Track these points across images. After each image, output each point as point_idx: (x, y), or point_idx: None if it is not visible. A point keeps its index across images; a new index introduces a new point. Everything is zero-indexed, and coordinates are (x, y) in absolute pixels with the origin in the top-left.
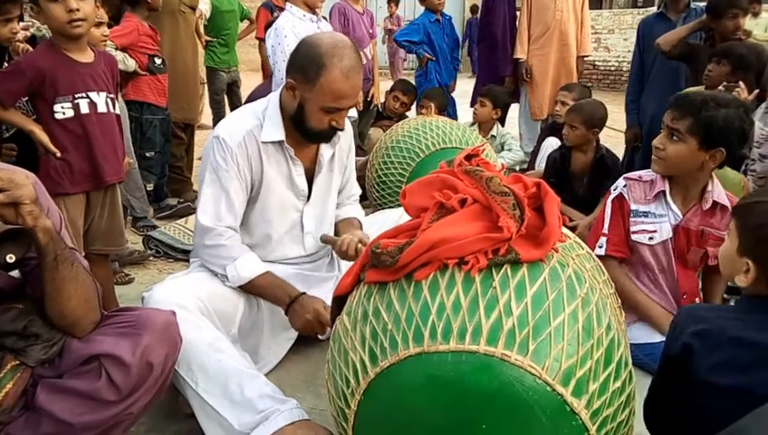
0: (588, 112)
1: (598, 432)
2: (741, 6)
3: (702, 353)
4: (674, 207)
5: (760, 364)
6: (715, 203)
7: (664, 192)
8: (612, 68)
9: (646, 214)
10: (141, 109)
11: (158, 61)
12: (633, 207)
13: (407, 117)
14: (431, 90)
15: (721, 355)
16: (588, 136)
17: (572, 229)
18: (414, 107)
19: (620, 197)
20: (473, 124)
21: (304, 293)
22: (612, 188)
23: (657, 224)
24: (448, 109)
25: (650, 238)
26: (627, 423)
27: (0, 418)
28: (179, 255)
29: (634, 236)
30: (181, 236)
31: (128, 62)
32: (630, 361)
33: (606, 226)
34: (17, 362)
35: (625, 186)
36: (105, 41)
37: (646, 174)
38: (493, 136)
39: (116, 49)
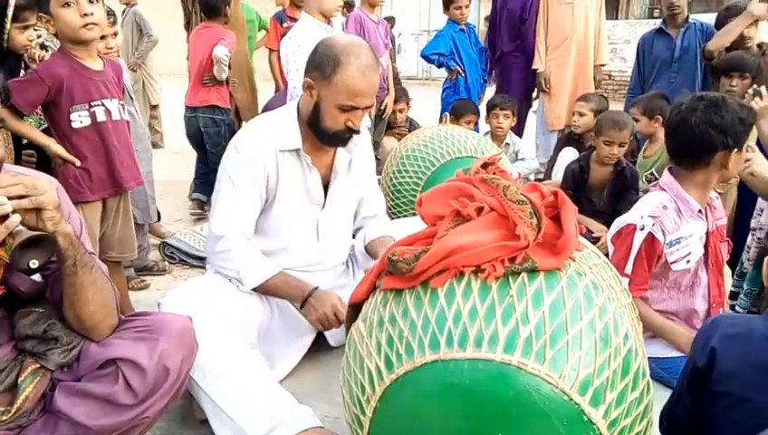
0: (631, 126)
1: None
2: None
3: (726, 361)
4: (709, 216)
5: None
6: None
7: (701, 209)
8: (628, 78)
9: (678, 240)
10: (222, 113)
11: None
12: (668, 239)
13: (419, 126)
14: (461, 104)
15: (746, 365)
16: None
17: (596, 241)
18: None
19: (651, 237)
20: (486, 133)
21: (317, 287)
22: (639, 226)
23: (689, 245)
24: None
25: (688, 262)
26: (644, 434)
27: (19, 420)
28: (195, 261)
29: (674, 266)
30: (197, 242)
31: (225, 71)
32: (648, 371)
33: (630, 267)
34: (37, 366)
35: (654, 224)
36: (109, 54)
37: (666, 200)
38: (507, 144)
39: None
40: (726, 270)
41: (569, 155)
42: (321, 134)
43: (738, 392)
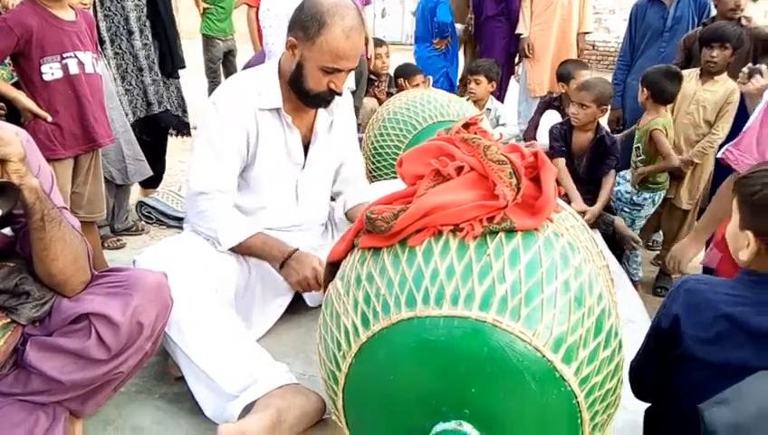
0: (600, 91)
1: (586, 399)
2: None
3: (689, 326)
4: None
5: (750, 344)
6: None
7: None
8: (612, 49)
9: None
10: None
11: None
12: None
13: (391, 76)
14: (412, 66)
15: (711, 331)
16: (597, 115)
17: (582, 214)
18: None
19: None
20: (468, 98)
21: (297, 249)
22: None
23: None
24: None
25: None
26: (614, 392)
27: None
28: (172, 222)
29: None
30: (174, 203)
31: None
32: (620, 332)
33: None
34: (8, 321)
35: None
36: (84, 8)
37: None
38: (488, 109)
39: None
40: None
41: (552, 118)
42: (303, 95)
43: (701, 356)
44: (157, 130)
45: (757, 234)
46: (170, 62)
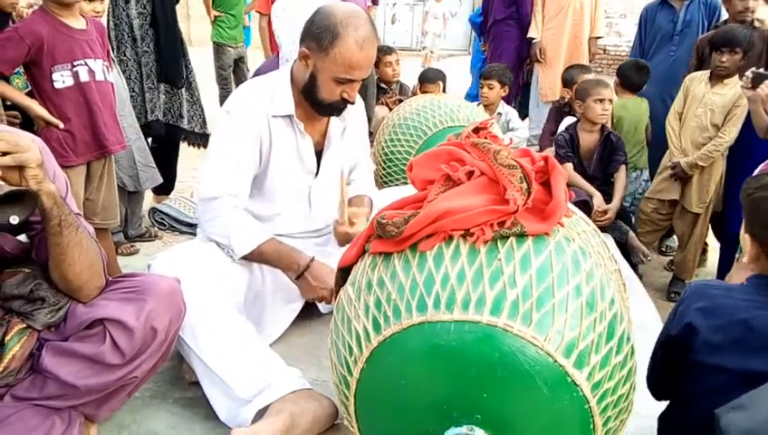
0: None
1: (598, 404)
2: None
3: (705, 332)
4: None
5: (765, 349)
6: None
7: None
8: (623, 53)
9: None
10: None
11: None
12: None
13: (408, 88)
14: (432, 71)
15: (727, 336)
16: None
17: (605, 213)
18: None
19: None
20: (479, 103)
21: (313, 258)
22: None
23: None
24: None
25: None
26: (627, 397)
27: (6, 380)
28: (184, 228)
29: None
30: (187, 209)
31: None
32: (632, 337)
33: None
34: (24, 326)
35: None
36: (96, 17)
37: None
38: (499, 113)
39: None
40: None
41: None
42: (317, 104)
43: (716, 362)
44: (160, 137)
45: (753, 235)
46: (163, 72)
